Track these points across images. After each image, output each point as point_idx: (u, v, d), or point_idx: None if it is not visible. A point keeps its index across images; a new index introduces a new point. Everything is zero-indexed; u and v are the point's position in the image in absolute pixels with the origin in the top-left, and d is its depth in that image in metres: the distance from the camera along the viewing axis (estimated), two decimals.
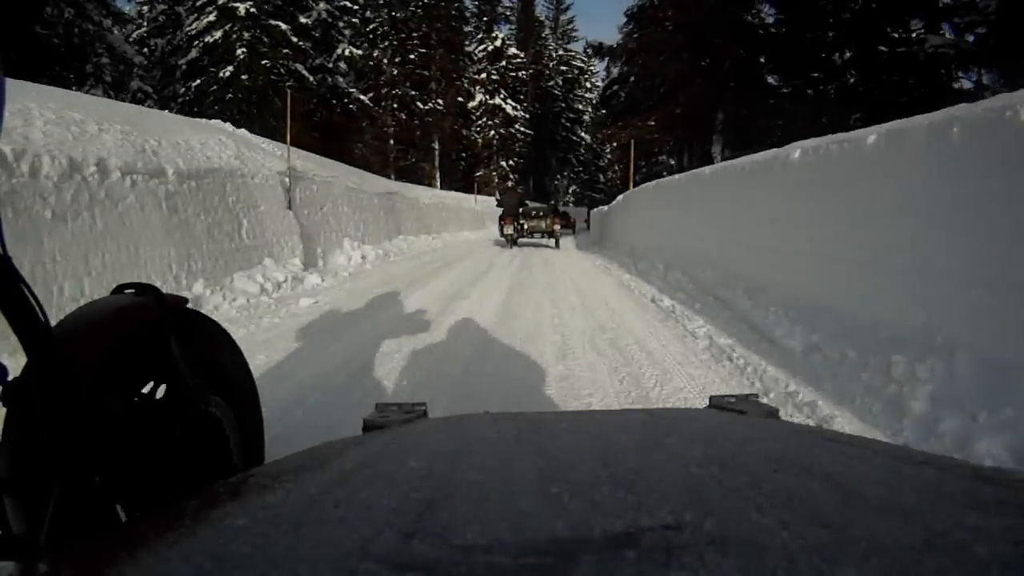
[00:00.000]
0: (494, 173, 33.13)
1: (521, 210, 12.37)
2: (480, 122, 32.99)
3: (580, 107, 44.21)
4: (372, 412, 0.74)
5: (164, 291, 1.03)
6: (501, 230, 12.20)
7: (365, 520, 0.29)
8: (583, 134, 44.88)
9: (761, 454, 0.42)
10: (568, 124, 43.55)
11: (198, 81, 18.35)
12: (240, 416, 1.16)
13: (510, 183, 32.86)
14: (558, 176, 46.06)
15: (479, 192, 25.27)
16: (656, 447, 0.45)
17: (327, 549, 0.26)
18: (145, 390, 0.97)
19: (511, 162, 33.70)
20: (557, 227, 12.14)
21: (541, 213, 12.44)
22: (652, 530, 0.26)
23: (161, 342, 0.95)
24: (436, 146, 27.80)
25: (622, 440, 0.47)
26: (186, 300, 1.12)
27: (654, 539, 0.25)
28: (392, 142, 25.63)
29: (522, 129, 34.13)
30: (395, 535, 0.27)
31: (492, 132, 32.84)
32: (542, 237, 12.44)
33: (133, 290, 1.01)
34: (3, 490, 0.77)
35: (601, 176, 48.41)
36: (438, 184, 26.58)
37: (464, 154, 32.31)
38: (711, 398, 0.74)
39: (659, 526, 0.26)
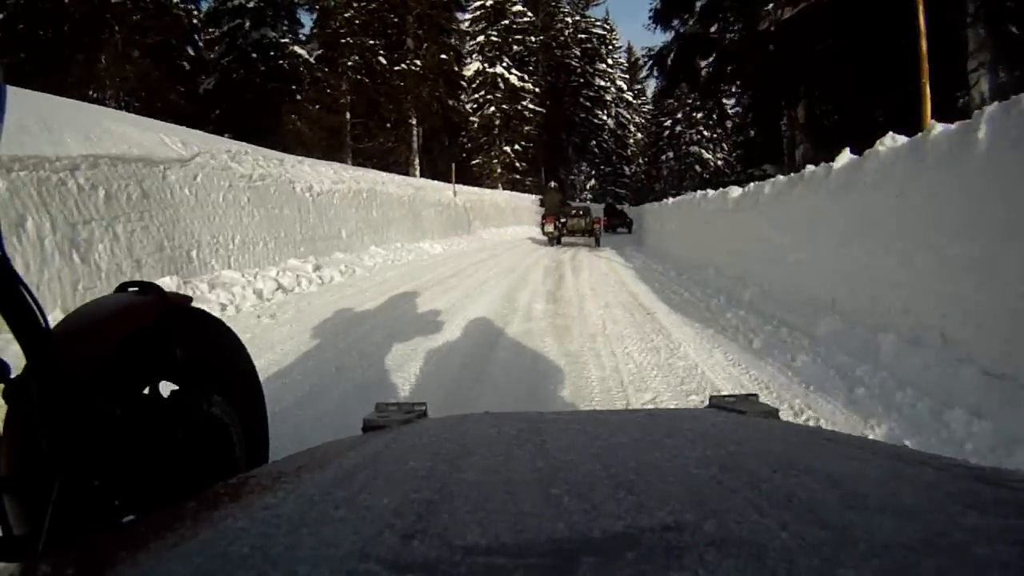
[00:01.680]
0: (495, 160, 26.26)
1: (562, 208, 13.17)
2: (478, 96, 26.16)
3: (602, 83, 37.09)
4: (372, 412, 0.71)
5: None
6: (543, 228, 13.20)
7: (365, 521, 0.29)
8: (606, 116, 37.77)
9: (761, 454, 0.42)
10: (588, 104, 36.46)
11: None
12: (243, 416, 1.11)
13: (520, 175, 26.12)
14: (575, 169, 38.92)
15: (470, 182, 18.62)
16: (656, 447, 0.44)
17: (327, 550, 0.26)
18: (147, 390, 0.94)
19: (517, 147, 26.79)
20: (597, 226, 13.03)
21: (581, 212, 13.63)
22: (652, 531, 0.26)
23: (163, 341, 0.94)
24: (414, 121, 20.85)
25: (622, 440, 0.46)
26: (190, 299, 1.08)
27: (654, 540, 0.25)
28: (348, 115, 18.83)
29: (531, 107, 27.23)
30: (395, 536, 0.27)
31: (492, 108, 25.99)
32: (581, 236, 13.16)
33: (136, 288, 0.99)
34: (3, 490, 0.76)
35: (626, 168, 41.40)
36: (417, 172, 19.85)
37: (461, 134, 25.45)
38: (711, 398, 0.73)
39: (659, 527, 0.26)
